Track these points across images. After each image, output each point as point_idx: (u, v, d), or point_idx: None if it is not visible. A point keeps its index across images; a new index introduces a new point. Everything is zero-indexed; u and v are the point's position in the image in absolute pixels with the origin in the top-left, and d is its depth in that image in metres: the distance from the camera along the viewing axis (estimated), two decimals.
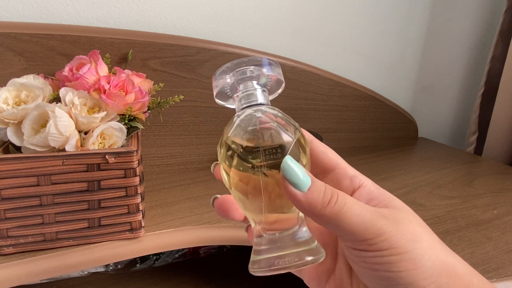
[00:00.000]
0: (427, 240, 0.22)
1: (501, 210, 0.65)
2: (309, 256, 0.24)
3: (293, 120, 0.26)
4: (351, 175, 0.25)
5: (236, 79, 0.27)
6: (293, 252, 0.24)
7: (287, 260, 0.24)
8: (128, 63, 0.63)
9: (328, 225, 0.22)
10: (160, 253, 0.74)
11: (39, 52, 0.57)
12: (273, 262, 0.24)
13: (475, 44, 1.07)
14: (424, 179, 0.77)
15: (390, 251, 0.21)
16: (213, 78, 0.28)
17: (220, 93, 0.28)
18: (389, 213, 0.23)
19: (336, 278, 0.27)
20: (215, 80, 0.28)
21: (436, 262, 0.21)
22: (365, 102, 0.91)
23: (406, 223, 0.22)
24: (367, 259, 0.22)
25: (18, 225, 0.43)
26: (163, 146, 0.70)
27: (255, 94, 0.27)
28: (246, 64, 0.27)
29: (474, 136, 1.04)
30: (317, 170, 0.27)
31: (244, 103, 0.27)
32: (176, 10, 0.69)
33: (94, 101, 0.48)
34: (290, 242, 0.25)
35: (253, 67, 0.27)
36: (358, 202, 0.22)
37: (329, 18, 0.85)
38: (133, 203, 0.47)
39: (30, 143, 0.43)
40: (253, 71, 0.27)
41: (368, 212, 0.22)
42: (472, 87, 1.11)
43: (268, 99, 0.28)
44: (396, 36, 0.95)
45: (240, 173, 0.25)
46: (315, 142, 0.27)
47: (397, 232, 0.22)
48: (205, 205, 0.60)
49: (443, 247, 0.23)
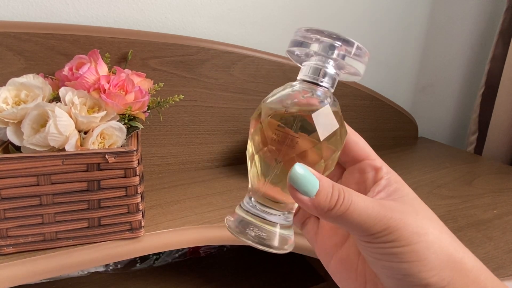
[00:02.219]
0: (434, 233, 0.22)
1: (501, 209, 0.65)
2: (274, 242, 0.25)
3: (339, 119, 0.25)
4: (377, 167, 0.26)
5: (320, 46, 0.24)
6: (267, 229, 0.25)
7: (254, 235, 0.25)
8: (128, 62, 0.63)
9: (335, 223, 0.23)
10: (160, 253, 0.73)
11: (38, 51, 0.57)
12: (245, 226, 0.25)
13: (475, 44, 1.07)
14: (424, 179, 0.77)
15: (394, 244, 0.22)
16: (302, 30, 0.25)
17: (293, 48, 0.26)
18: (397, 206, 0.23)
19: (343, 254, 0.27)
20: (303, 33, 0.25)
21: (440, 255, 0.22)
22: (365, 101, 0.91)
23: (413, 216, 0.23)
24: (371, 249, 0.23)
25: (18, 225, 0.43)
26: (163, 145, 0.70)
27: (323, 73, 0.25)
28: (338, 40, 0.24)
29: (474, 136, 1.04)
30: (347, 158, 0.27)
31: (308, 76, 0.25)
32: (176, 10, 0.69)
33: (94, 100, 0.48)
34: (272, 219, 0.25)
35: (342, 47, 0.24)
36: (364, 199, 0.22)
37: (329, 17, 0.85)
38: (133, 203, 0.47)
39: (29, 143, 0.43)
40: (339, 53, 0.24)
41: (374, 207, 0.22)
42: (472, 87, 1.11)
43: (334, 85, 0.26)
44: (396, 36, 0.95)
45: (268, 129, 0.24)
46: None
47: (403, 225, 0.22)
48: (205, 204, 0.60)
49: (453, 242, 0.23)
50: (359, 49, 0.24)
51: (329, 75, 0.25)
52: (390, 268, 0.22)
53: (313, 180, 0.22)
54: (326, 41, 0.24)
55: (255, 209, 0.26)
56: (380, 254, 0.22)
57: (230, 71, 0.72)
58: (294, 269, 0.76)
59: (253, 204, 0.26)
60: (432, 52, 1.02)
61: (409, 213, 0.23)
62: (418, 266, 0.21)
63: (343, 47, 0.24)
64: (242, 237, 0.25)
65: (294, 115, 0.24)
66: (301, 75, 0.26)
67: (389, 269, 0.22)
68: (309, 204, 0.22)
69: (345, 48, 0.24)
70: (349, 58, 0.24)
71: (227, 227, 0.26)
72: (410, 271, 0.21)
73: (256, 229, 0.25)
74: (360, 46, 0.24)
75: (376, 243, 0.22)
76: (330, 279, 0.32)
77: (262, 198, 0.26)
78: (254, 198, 0.26)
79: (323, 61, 0.25)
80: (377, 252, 0.23)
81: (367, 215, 0.22)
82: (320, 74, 0.25)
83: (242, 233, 0.25)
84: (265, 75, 0.75)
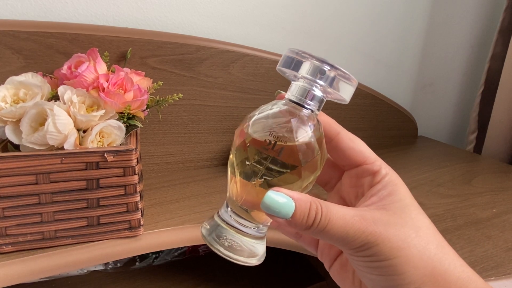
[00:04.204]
0: (417, 247, 0.22)
1: (501, 208, 0.65)
2: (245, 254, 0.25)
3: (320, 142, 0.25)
4: (375, 171, 0.26)
5: (310, 68, 0.24)
6: (240, 240, 0.26)
7: (227, 246, 0.25)
8: (127, 61, 0.62)
9: (317, 238, 0.24)
10: (160, 252, 0.74)
11: (37, 50, 0.57)
12: (219, 236, 0.26)
13: (475, 42, 1.07)
14: (424, 178, 0.77)
15: (373, 258, 0.22)
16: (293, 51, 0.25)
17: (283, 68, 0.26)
18: (381, 217, 0.23)
19: (343, 258, 0.28)
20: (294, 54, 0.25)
21: (422, 269, 0.22)
22: (364, 100, 0.91)
23: (397, 228, 0.22)
24: (355, 262, 0.23)
25: (17, 224, 0.43)
26: (162, 144, 0.70)
27: (310, 95, 0.25)
28: (327, 65, 0.24)
29: (473, 135, 1.04)
30: (344, 163, 0.27)
31: (295, 96, 0.25)
32: (175, 8, 0.69)
33: (92, 99, 0.48)
34: (247, 230, 0.26)
35: (332, 72, 0.24)
36: (343, 214, 0.22)
37: (329, 16, 0.85)
38: (132, 202, 0.47)
39: (28, 141, 0.43)
40: (328, 78, 0.24)
41: (354, 223, 0.22)
42: (472, 86, 1.11)
43: (320, 108, 0.26)
44: (395, 35, 0.95)
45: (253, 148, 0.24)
46: (343, 136, 0.26)
47: (382, 241, 0.22)
48: (204, 203, 0.60)
49: (438, 253, 0.22)
50: (347, 75, 0.25)
51: (316, 98, 0.25)
52: (373, 280, 0.23)
53: (288, 204, 0.22)
54: (316, 65, 0.24)
55: (231, 219, 0.26)
56: (362, 266, 0.23)
57: (229, 69, 0.72)
58: (294, 268, 0.76)
59: (229, 214, 0.26)
60: (431, 51, 1.02)
61: (393, 225, 0.22)
62: (397, 280, 0.22)
63: (332, 72, 0.24)
64: (214, 246, 0.25)
65: (278, 139, 0.24)
66: (288, 94, 0.26)
67: (372, 281, 0.23)
68: (286, 224, 0.22)
69: (335, 73, 0.24)
70: (337, 84, 0.24)
71: (201, 234, 0.26)
72: (390, 283, 0.22)
73: (230, 239, 0.25)
74: (347, 72, 0.25)
75: (357, 257, 0.23)
76: (329, 278, 0.32)
77: (238, 209, 0.26)
78: (231, 207, 0.26)
79: (311, 84, 0.25)
80: (359, 264, 0.23)
81: (345, 232, 0.22)
82: (307, 96, 0.25)
83: (215, 242, 0.25)
84: (264, 74, 0.75)
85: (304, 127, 0.24)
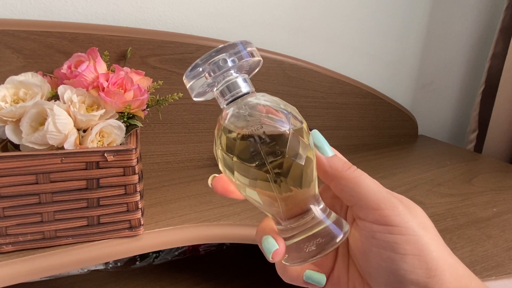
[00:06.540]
0: (434, 234, 0.23)
1: (501, 208, 0.65)
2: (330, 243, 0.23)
3: (283, 102, 0.25)
4: None
5: (209, 71, 0.24)
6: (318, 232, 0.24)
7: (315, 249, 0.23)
8: (127, 60, 0.62)
9: (345, 188, 0.24)
10: (160, 251, 0.74)
11: (37, 49, 0.57)
12: (300, 249, 0.24)
13: (476, 42, 1.06)
14: (424, 177, 0.77)
15: (399, 229, 0.22)
16: (185, 78, 0.25)
17: (198, 93, 0.26)
18: (402, 200, 0.24)
19: (334, 277, 0.27)
20: (188, 79, 0.25)
21: (440, 258, 0.22)
22: (365, 99, 0.91)
23: (418, 213, 0.23)
24: (376, 234, 0.23)
25: (17, 223, 0.43)
26: (162, 144, 0.70)
27: (236, 84, 0.25)
28: (216, 53, 0.24)
29: (474, 134, 1.04)
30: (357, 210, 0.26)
31: (227, 97, 0.25)
32: (175, 7, 0.69)
33: (92, 98, 0.48)
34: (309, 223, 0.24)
35: (224, 54, 0.24)
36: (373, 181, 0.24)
37: (329, 15, 0.84)
38: (132, 201, 0.47)
39: (28, 141, 0.43)
40: (226, 59, 0.24)
41: (383, 188, 0.24)
42: (472, 85, 1.11)
43: (251, 85, 0.25)
44: (396, 34, 0.95)
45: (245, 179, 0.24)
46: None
47: (409, 214, 0.23)
48: (204, 203, 0.60)
49: (446, 247, 0.24)
50: (241, 44, 0.24)
51: (241, 80, 0.25)
52: (391, 262, 0.22)
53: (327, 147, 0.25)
54: (214, 61, 0.24)
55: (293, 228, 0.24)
56: (383, 240, 0.22)
57: None
58: None
59: (288, 227, 0.24)
60: (432, 50, 1.02)
61: (414, 209, 0.24)
62: (418, 261, 0.22)
63: (228, 52, 0.24)
64: (309, 260, 0.24)
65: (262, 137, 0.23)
66: (223, 102, 0.25)
67: (390, 263, 0.22)
68: (325, 162, 0.24)
69: (230, 52, 0.24)
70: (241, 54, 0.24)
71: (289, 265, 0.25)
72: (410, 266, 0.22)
73: (307, 242, 0.24)
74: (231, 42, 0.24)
75: (381, 225, 0.22)
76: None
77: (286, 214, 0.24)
78: (279, 219, 0.25)
79: (226, 75, 0.24)
80: (381, 238, 0.22)
81: (377, 189, 0.23)
82: (234, 87, 0.25)
83: (305, 257, 0.24)
84: (264, 73, 0.75)
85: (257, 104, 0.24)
